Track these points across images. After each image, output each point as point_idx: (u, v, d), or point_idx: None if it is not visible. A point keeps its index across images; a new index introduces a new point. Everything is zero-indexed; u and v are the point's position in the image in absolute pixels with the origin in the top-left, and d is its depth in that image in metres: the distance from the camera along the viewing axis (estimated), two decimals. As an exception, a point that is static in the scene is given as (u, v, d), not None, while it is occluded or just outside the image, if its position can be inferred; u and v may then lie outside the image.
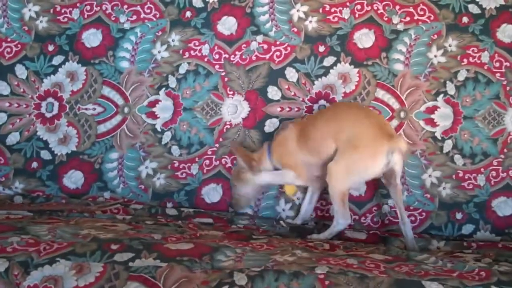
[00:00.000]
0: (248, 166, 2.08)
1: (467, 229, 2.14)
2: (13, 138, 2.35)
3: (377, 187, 2.18)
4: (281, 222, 2.15)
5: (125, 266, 1.49)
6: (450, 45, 2.23)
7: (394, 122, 2.21)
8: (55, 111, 2.35)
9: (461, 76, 2.21)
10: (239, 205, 2.16)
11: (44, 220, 1.90)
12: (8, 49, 2.39)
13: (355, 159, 1.88)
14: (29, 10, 2.41)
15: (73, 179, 2.31)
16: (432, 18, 2.25)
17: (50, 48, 2.38)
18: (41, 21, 2.40)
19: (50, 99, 2.36)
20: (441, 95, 2.20)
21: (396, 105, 2.22)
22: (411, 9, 2.26)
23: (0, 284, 1.47)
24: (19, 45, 2.39)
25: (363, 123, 1.90)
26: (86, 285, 1.45)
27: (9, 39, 2.40)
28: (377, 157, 1.87)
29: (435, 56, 2.23)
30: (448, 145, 2.18)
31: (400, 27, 2.26)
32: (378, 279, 1.46)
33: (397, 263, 1.60)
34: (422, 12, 2.26)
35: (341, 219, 1.94)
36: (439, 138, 2.19)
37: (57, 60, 2.37)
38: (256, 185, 2.11)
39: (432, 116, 2.20)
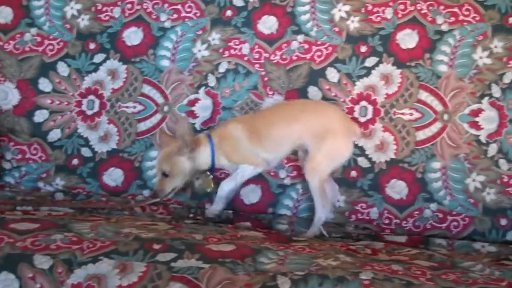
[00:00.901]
0: (187, 147, 2.06)
1: (512, 235, 2.09)
2: (54, 135, 2.37)
3: (420, 190, 2.14)
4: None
5: (168, 266, 1.49)
6: (495, 47, 2.17)
7: (437, 125, 2.16)
8: (96, 108, 2.37)
9: (507, 78, 2.15)
10: (162, 192, 2.11)
11: (85, 218, 1.91)
12: (51, 47, 2.41)
13: (330, 151, 2.04)
14: (71, 8, 2.43)
15: (113, 176, 2.32)
16: (477, 18, 2.20)
17: (92, 46, 2.40)
18: (82, 19, 2.42)
19: (91, 97, 2.37)
20: (486, 98, 2.15)
21: (439, 107, 2.17)
22: (455, 10, 2.21)
23: (45, 282, 1.48)
24: (61, 43, 2.42)
25: (327, 116, 2.08)
26: (129, 285, 1.45)
27: (51, 37, 2.42)
28: (349, 144, 2.09)
29: (480, 57, 2.17)
30: (492, 149, 2.13)
31: (444, 27, 2.21)
32: (425, 287, 1.43)
33: (443, 271, 1.56)
34: (467, 13, 2.21)
35: (323, 209, 2.05)
36: (484, 141, 2.14)
37: (98, 58, 2.38)
38: (187, 173, 2.10)
39: (477, 119, 2.15)
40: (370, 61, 2.23)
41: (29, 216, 1.87)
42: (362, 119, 2.21)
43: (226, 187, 2.12)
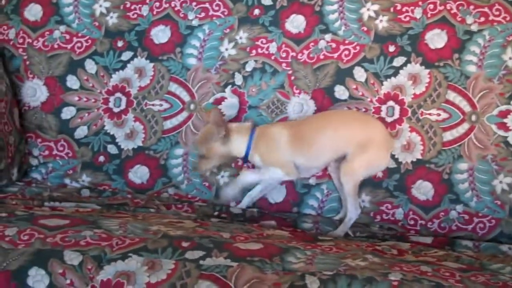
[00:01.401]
0: (219, 134, 2.08)
1: (539, 238, 2.07)
2: (81, 132, 2.39)
3: (446, 191, 2.13)
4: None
5: (196, 264, 1.50)
6: (525, 47, 2.15)
7: (465, 126, 2.15)
8: (123, 106, 2.38)
9: (537, 79, 2.13)
10: (200, 170, 2.24)
11: (113, 215, 1.93)
12: (79, 44, 2.43)
13: (370, 159, 2.06)
14: (100, 6, 2.44)
15: (139, 174, 2.34)
16: (508, 18, 2.17)
17: (120, 44, 2.41)
18: (111, 17, 2.43)
19: (118, 94, 2.39)
20: (515, 99, 2.13)
21: (467, 108, 2.15)
22: (486, 9, 2.19)
23: (75, 278, 1.50)
24: (89, 40, 2.43)
25: (371, 127, 2.10)
26: (158, 282, 1.46)
27: (79, 34, 2.44)
28: (387, 156, 2.12)
29: (510, 58, 2.15)
30: (521, 151, 2.11)
31: (474, 27, 2.19)
32: (455, 289, 1.42)
33: (472, 273, 1.55)
34: (497, 13, 2.18)
35: (355, 211, 2.07)
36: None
37: (125, 55, 2.39)
38: (221, 156, 2.14)
39: (505, 120, 2.13)
40: (398, 61, 2.22)
41: (58, 212, 1.89)
42: (389, 119, 2.20)
43: (247, 177, 2.13)
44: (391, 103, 2.21)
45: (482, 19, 2.18)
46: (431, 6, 2.22)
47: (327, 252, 1.64)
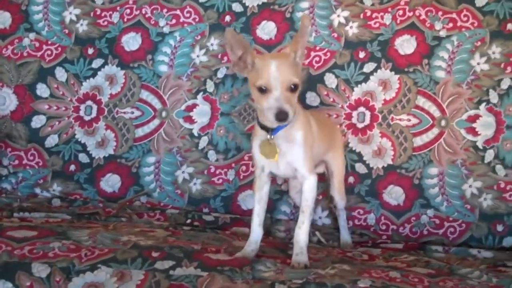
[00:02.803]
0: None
1: (509, 241, 2.08)
2: (51, 140, 2.37)
3: (417, 196, 2.15)
4: (317, 233, 2.13)
5: (166, 274, 1.49)
6: (493, 53, 2.17)
7: (435, 131, 2.17)
8: (94, 114, 2.36)
9: (505, 84, 2.15)
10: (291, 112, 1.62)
11: (83, 225, 1.91)
12: (49, 52, 2.41)
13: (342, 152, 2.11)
14: (70, 13, 2.43)
15: (110, 182, 2.32)
16: (475, 24, 2.20)
17: (90, 51, 2.39)
18: (81, 24, 2.42)
19: (89, 102, 2.37)
20: (484, 104, 2.15)
21: (437, 113, 2.18)
22: (454, 15, 2.21)
23: (43, 290, 1.48)
24: (59, 48, 2.41)
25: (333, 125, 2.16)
26: (127, 293, 1.45)
27: (49, 42, 2.42)
28: None
29: (478, 63, 2.18)
30: (489, 155, 2.13)
31: (442, 33, 2.21)
32: (423, 295, 1.43)
33: (441, 278, 1.57)
34: (465, 18, 2.21)
35: (344, 199, 2.09)
36: (481, 147, 2.14)
37: (96, 63, 2.38)
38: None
39: (474, 125, 2.15)
40: (369, 67, 2.23)
41: (27, 223, 1.87)
42: (360, 125, 2.21)
43: (303, 233, 1.70)
44: (362, 109, 2.22)
45: (451, 25, 2.21)
46: (400, 12, 2.25)
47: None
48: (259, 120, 1.74)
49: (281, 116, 1.58)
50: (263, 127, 1.72)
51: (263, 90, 1.61)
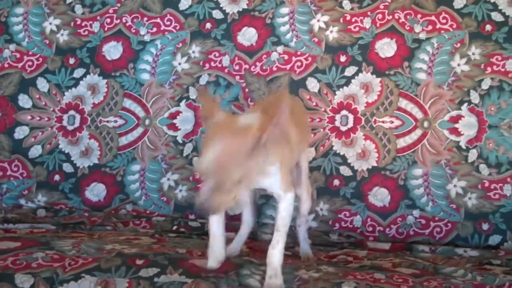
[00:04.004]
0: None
1: (494, 240, 2.10)
2: (35, 151, 2.36)
3: (402, 197, 2.16)
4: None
5: (151, 281, 1.48)
6: (473, 54, 2.19)
7: (418, 132, 2.18)
8: (77, 124, 2.36)
9: (485, 84, 2.17)
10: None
11: (68, 234, 1.91)
12: (30, 63, 2.40)
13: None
14: (50, 23, 2.42)
15: (96, 191, 2.31)
16: (454, 26, 2.22)
17: (71, 61, 2.39)
18: (62, 34, 2.41)
19: (72, 112, 2.36)
20: (465, 104, 2.17)
21: (419, 115, 2.19)
22: (433, 18, 2.24)
23: (26, 301, 1.47)
24: (40, 59, 2.40)
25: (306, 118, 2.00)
26: (112, 302, 1.45)
27: (30, 53, 2.41)
28: None
29: (458, 64, 2.20)
30: (473, 155, 2.15)
31: (422, 36, 2.23)
32: (407, 295, 1.44)
33: (425, 277, 1.58)
34: (444, 21, 2.23)
35: (310, 199, 1.90)
36: (464, 147, 2.16)
37: (78, 73, 2.37)
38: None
39: (456, 125, 2.17)
40: (350, 71, 2.25)
41: (11, 235, 1.86)
42: (343, 128, 2.22)
43: (277, 254, 1.55)
44: (344, 112, 2.23)
45: (430, 27, 2.23)
46: (380, 16, 2.26)
47: (283, 263, 1.64)
48: None
49: (204, 209, 1.37)
50: None
51: None
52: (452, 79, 2.19)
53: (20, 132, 2.37)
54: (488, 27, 2.20)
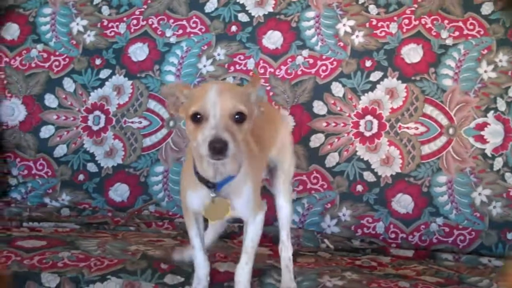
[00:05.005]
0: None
1: (519, 249, 2.08)
2: (60, 150, 2.38)
3: (426, 204, 2.14)
4: (326, 240, 2.12)
5: (176, 290, 1.49)
6: (500, 60, 2.17)
7: (443, 139, 2.16)
8: (102, 124, 2.37)
9: (512, 92, 2.16)
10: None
11: (92, 234, 1.92)
12: (56, 63, 2.42)
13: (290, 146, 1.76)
14: (77, 24, 2.44)
15: (119, 192, 2.33)
16: (482, 32, 2.20)
17: (98, 61, 2.41)
18: (88, 35, 2.43)
19: (97, 112, 2.38)
20: (491, 112, 2.15)
21: (444, 121, 2.17)
22: (460, 24, 2.22)
23: (52, 301, 1.49)
24: (67, 59, 2.43)
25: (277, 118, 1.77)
26: (137, 305, 1.46)
27: (57, 53, 2.44)
28: None
29: (485, 71, 2.17)
30: (498, 163, 2.13)
31: (449, 42, 2.21)
32: (433, 304, 1.43)
33: (450, 287, 1.56)
34: (471, 27, 2.21)
35: (290, 208, 1.69)
36: (489, 155, 2.13)
37: (104, 73, 2.39)
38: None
39: (482, 132, 2.15)
40: (375, 76, 2.23)
41: (36, 233, 1.88)
42: (368, 133, 2.21)
43: (246, 275, 1.49)
44: (369, 117, 2.22)
45: (457, 33, 2.21)
46: (406, 21, 2.25)
47: (305, 267, 1.63)
48: (197, 169, 1.40)
49: (217, 144, 1.23)
50: (202, 180, 1.40)
51: (197, 119, 1.28)
52: (478, 86, 2.17)
53: (46, 132, 2.39)
54: (516, 34, 2.18)
